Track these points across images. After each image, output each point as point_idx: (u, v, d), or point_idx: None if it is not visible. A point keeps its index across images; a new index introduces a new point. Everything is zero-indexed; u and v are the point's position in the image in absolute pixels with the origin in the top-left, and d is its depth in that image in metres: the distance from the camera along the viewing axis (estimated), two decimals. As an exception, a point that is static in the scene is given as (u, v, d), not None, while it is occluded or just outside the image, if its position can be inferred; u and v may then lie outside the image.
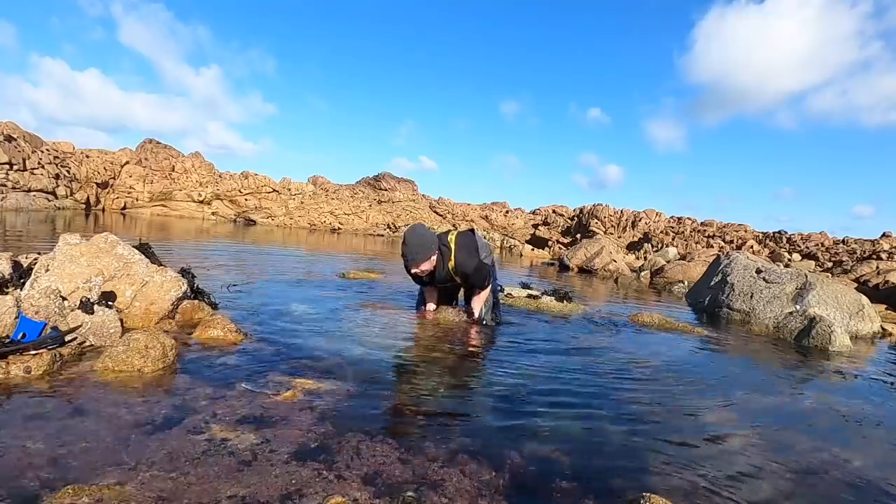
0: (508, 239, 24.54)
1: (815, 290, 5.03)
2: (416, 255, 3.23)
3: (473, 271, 3.40)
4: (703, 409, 2.24)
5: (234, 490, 1.21)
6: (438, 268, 3.37)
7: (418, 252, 3.23)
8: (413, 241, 3.26)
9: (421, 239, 3.28)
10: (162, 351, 2.00)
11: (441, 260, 3.36)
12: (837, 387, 3.04)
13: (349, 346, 2.69)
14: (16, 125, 19.74)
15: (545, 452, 1.61)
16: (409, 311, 3.88)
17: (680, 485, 1.48)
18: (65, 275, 2.49)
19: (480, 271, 3.44)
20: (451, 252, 3.36)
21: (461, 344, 3.05)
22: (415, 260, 3.23)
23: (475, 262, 3.38)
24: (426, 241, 3.29)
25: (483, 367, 2.67)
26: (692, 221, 25.50)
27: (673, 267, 11.53)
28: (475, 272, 3.41)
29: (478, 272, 3.43)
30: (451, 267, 3.38)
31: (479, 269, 3.42)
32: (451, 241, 3.42)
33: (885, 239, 18.48)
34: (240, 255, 7.94)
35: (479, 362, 2.80)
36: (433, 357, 2.73)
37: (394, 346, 2.89)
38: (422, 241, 3.27)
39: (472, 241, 3.50)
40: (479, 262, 3.40)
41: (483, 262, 3.43)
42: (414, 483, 1.33)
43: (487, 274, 3.50)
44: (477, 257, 3.40)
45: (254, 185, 27.08)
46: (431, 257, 3.28)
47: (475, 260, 3.38)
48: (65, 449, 1.32)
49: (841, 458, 1.82)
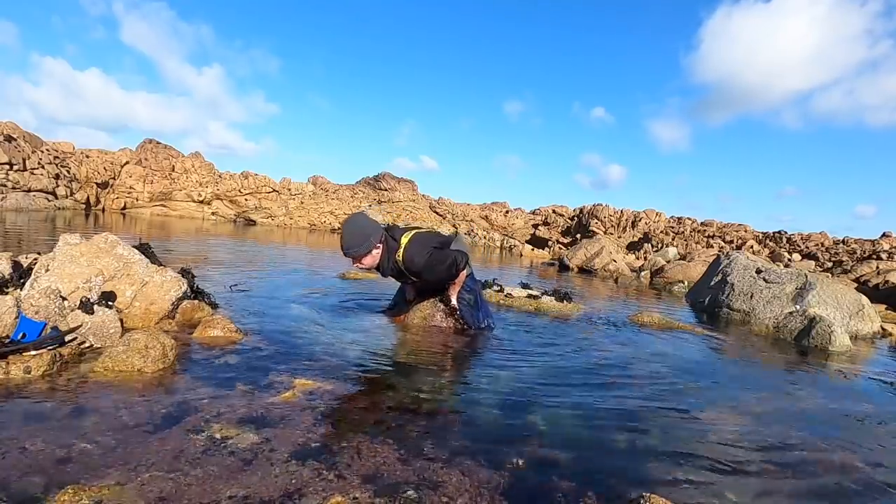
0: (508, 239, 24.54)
1: (815, 290, 5.03)
2: (350, 248, 2.88)
3: (424, 267, 3.00)
4: (702, 408, 2.24)
5: (235, 490, 1.21)
6: (383, 262, 3.04)
7: (352, 245, 2.88)
8: (347, 232, 2.91)
9: (357, 229, 2.92)
10: (162, 351, 2.00)
11: (387, 254, 3.02)
12: (838, 387, 3.04)
13: (349, 346, 2.69)
14: (16, 125, 19.74)
15: (545, 452, 1.61)
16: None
17: (680, 485, 1.48)
18: (65, 275, 2.49)
19: (437, 265, 3.02)
20: (399, 246, 3.00)
21: (461, 344, 3.04)
22: (349, 253, 2.90)
23: (424, 257, 2.98)
24: (365, 231, 2.91)
25: (483, 368, 2.67)
26: (692, 221, 25.50)
27: (673, 267, 11.53)
28: (426, 268, 3.00)
29: (430, 268, 3.01)
30: (398, 260, 3.01)
31: (431, 264, 3.00)
32: (403, 238, 3.04)
33: (885, 239, 18.48)
34: (240, 255, 7.94)
35: (479, 363, 2.80)
36: (433, 357, 2.73)
37: (394, 346, 2.89)
38: (358, 232, 2.90)
39: (435, 237, 3.21)
40: (430, 256, 3.00)
41: (440, 250, 3.07)
42: (414, 483, 1.33)
43: (452, 262, 3.04)
44: (431, 249, 3.03)
45: (254, 185, 27.08)
46: (372, 251, 2.94)
47: (424, 256, 2.99)
48: (64, 449, 1.32)
49: (841, 458, 1.82)
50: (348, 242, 2.89)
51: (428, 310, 3.43)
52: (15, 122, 19.80)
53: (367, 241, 2.90)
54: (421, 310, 3.45)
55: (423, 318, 3.41)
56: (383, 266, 3.07)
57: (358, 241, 2.89)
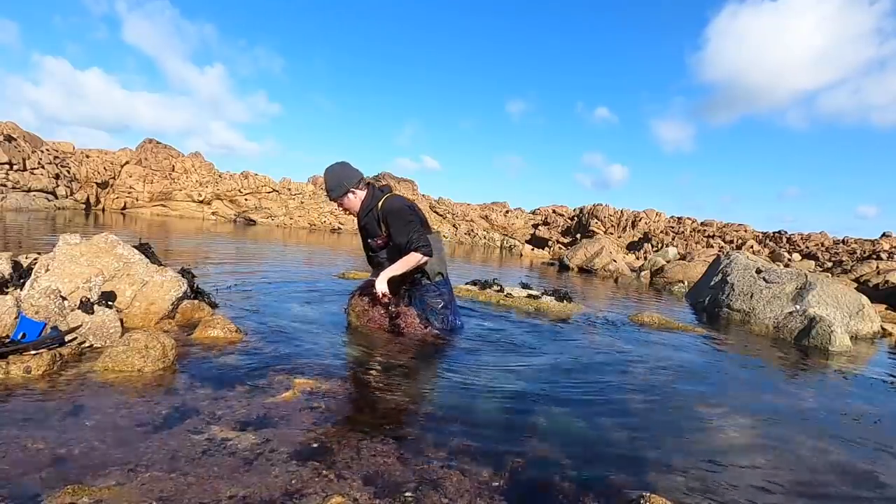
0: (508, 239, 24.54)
1: (815, 290, 5.03)
2: (330, 190, 2.99)
3: (398, 215, 2.95)
4: (702, 408, 2.24)
5: (235, 490, 1.21)
6: (364, 208, 3.03)
7: (331, 188, 2.99)
8: (326, 177, 3.02)
9: (334, 174, 3.00)
10: (162, 351, 2.00)
11: (370, 200, 3.02)
12: (837, 387, 3.04)
13: (349, 346, 2.69)
14: (16, 125, 19.74)
15: (545, 452, 1.61)
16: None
17: (680, 485, 1.48)
18: (65, 275, 2.49)
19: (404, 223, 2.93)
20: (384, 197, 3.02)
21: (461, 344, 3.04)
22: (329, 196, 3.02)
23: (403, 208, 2.98)
24: (340, 176, 2.99)
25: (482, 368, 2.67)
26: (692, 221, 25.50)
27: (673, 267, 11.53)
28: (399, 216, 2.94)
29: (401, 217, 2.94)
30: (377, 207, 3.00)
31: (403, 215, 2.95)
32: (390, 195, 3.07)
33: (885, 239, 18.47)
34: (240, 255, 7.94)
35: (479, 363, 2.80)
36: (432, 357, 2.73)
37: (393, 346, 2.89)
38: (335, 177, 2.99)
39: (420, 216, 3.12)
40: (405, 211, 2.97)
41: (410, 208, 3.01)
42: (414, 483, 1.33)
43: (413, 230, 2.92)
44: (409, 210, 3.00)
45: (254, 185, 27.08)
46: (348, 195, 2.99)
47: (403, 208, 2.98)
48: (65, 449, 1.32)
49: (841, 457, 1.82)
50: (328, 186, 3.02)
51: (364, 306, 3.11)
52: (15, 122, 19.80)
53: (342, 184, 2.99)
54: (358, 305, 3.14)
55: (358, 316, 3.12)
56: (363, 212, 3.06)
57: (333, 184, 3.00)
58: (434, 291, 3.17)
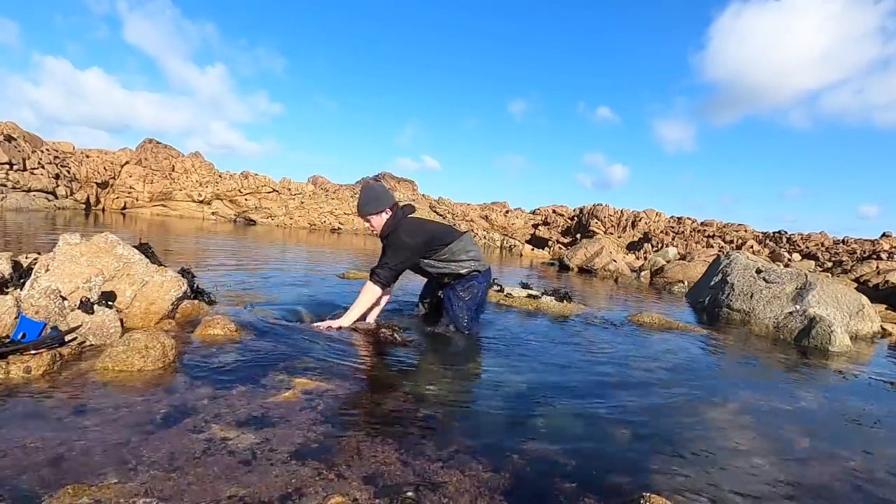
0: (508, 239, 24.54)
1: (815, 290, 5.03)
2: (362, 206, 3.11)
3: (390, 239, 3.07)
4: (702, 408, 2.24)
5: (234, 490, 1.21)
6: (385, 228, 3.13)
7: (364, 204, 3.10)
8: (363, 194, 3.15)
9: (372, 193, 3.14)
10: (162, 350, 2.00)
11: (392, 223, 3.10)
12: (837, 387, 3.04)
13: (349, 346, 2.69)
14: (16, 125, 19.74)
15: (545, 452, 1.61)
16: (406, 312, 3.87)
17: (680, 485, 1.48)
18: (65, 275, 2.49)
19: (392, 244, 3.05)
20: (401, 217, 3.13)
21: (461, 344, 3.04)
22: (361, 212, 3.13)
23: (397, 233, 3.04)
24: (377, 196, 3.13)
25: (483, 368, 2.67)
26: (692, 221, 25.50)
27: (673, 267, 11.53)
28: (389, 241, 3.08)
29: (389, 243, 3.07)
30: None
31: (393, 240, 3.04)
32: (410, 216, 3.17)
33: (885, 239, 18.47)
34: (240, 256, 7.94)
35: (479, 362, 2.80)
36: (433, 357, 2.73)
37: (393, 346, 2.88)
38: (372, 196, 3.12)
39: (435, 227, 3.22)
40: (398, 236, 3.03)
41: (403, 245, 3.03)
42: (414, 483, 1.33)
43: (390, 256, 3.02)
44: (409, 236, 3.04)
45: (254, 185, 27.08)
46: (382, 213, 3.08)
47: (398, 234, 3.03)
48: (65, 449, 1.32)
49: (841, 457, 1.82)
50: (361, 202, 3.14)
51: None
52: (15, 122, 19.80)
53: (379, 203, 3.11)
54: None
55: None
56: (383, 233, 3.18)
57: (370, 199, 3.12)
58: (465, 284, 3.26)
